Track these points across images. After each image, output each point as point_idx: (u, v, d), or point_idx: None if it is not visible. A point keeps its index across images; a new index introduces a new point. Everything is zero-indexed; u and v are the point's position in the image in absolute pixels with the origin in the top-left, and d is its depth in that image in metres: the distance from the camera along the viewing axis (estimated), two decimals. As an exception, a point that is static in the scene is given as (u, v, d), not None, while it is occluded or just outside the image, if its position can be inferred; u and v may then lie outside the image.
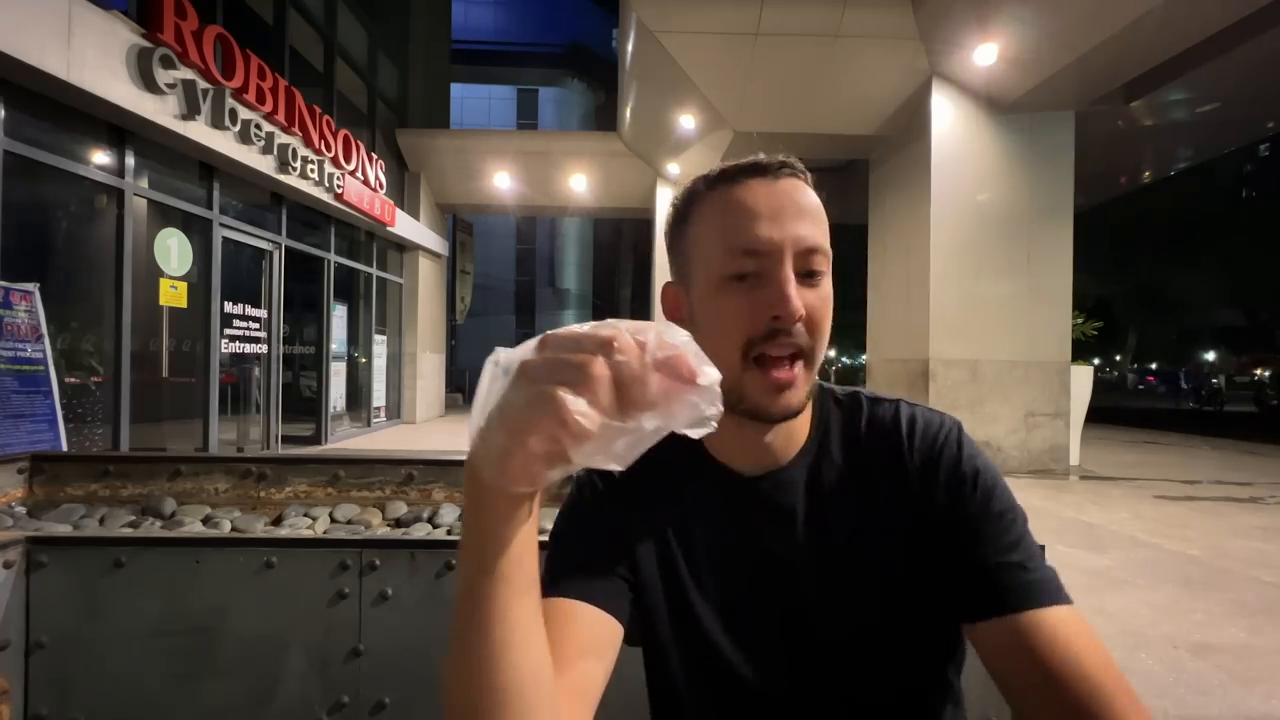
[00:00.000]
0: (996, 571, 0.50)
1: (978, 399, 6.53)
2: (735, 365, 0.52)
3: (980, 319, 6.78)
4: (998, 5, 5.94)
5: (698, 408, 0.32)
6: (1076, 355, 7.16)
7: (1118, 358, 33.01)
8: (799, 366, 0.52)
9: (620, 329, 0.32)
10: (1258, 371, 29.51)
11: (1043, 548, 0.54)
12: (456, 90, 15.74)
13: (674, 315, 0.59)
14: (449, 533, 1.38)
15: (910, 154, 7.36)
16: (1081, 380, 7.05)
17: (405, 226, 9.93)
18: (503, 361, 0.34)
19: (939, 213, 6.88)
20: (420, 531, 1.39)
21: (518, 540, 0.38)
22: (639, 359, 0.31)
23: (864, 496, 0.57)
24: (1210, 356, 34.57)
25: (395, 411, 10.67)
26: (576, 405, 0.30)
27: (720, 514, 0.59)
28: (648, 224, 12.62)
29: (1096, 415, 8.49)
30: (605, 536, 0.57)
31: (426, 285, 11.37)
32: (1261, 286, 24.17)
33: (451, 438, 9.21)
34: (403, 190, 10.67)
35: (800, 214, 0.52)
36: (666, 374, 0.32)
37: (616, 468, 0.32)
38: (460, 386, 16.06)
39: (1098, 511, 4.75)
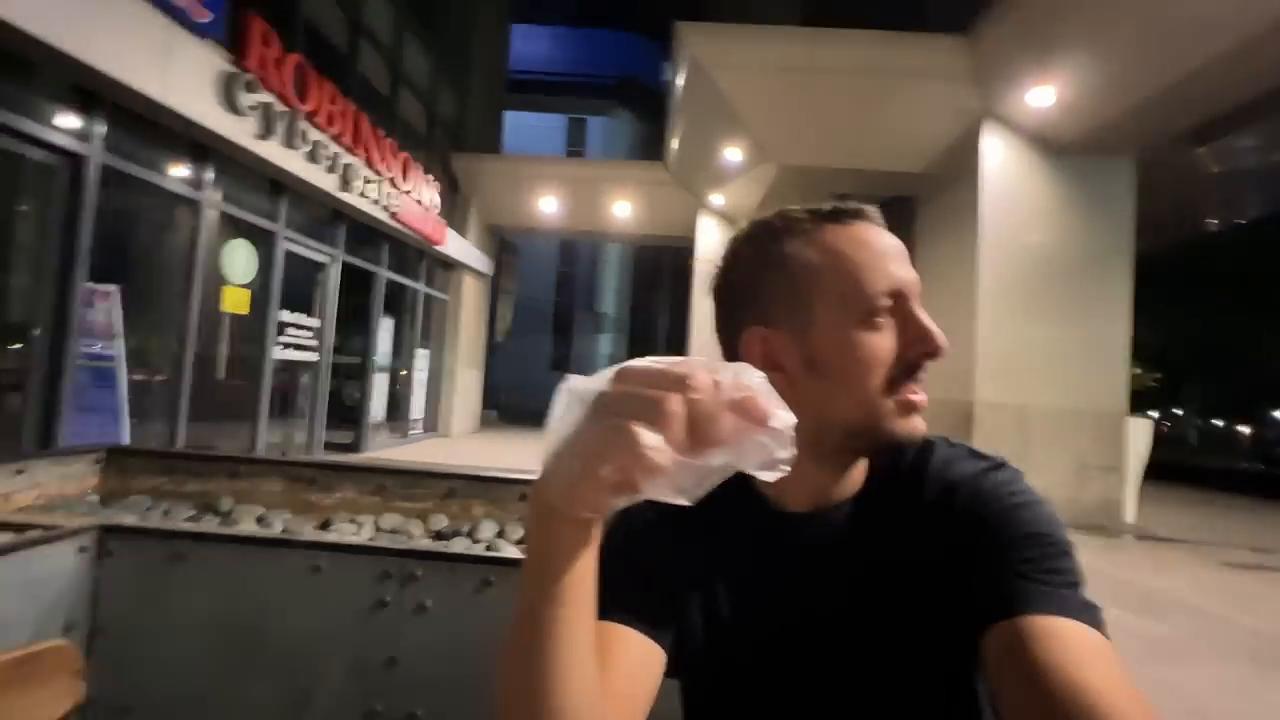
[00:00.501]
0: (1013, 579, 0.46)
1: (1024, 446, 6.28)
2: (875, 400, 0.53)
3: (1029, 363, 6.56)
4: (1056, 48, 5.87)
5: (768, 449, 0.33)
6: (1136, 407, 6.83)
7: (1180, 411, 31.27)
8: (923, 394, 0.55)
9: (696, 367, 0.33)
10: (1336, 434, 27.34)
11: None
12: (511, 118, 16.33)
13: (768, 362, 0.54)
14: (487, 548, 1.40)
15: (959, 193, 7.26)
16: (1140, 433, 6.70)
17: (454, 245, 10.27)
18: (578, 389, 0.35)
19: (987, 254, 6.74)
20: (459, 545, 1.42)
21: (580, 564, 0.39)
22: (714, 397, 0.32)
23: (905, 540, 0.55)
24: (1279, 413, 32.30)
25: (432, 424, 10.89)
26: (651, 440, 0.30)
27: (761, 550, 0.59)
28: (688, 251, 12.73)
29: (1155, 471, 8.04)
30: (652, 563, 0.57)
31: (470, 303, 11.68)
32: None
33: (486, 453, 9.33)
34: (453, 210, 11.07)
35: (905, 254, 0.56)
36: (739, 414, 0.32)
37: (684, 502, 0.32)
38: (496, 403, 16.31)
39: (1155, 575, 4.46)
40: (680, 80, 8.38)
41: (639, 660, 0.52)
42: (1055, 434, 6.45)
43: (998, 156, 6.85)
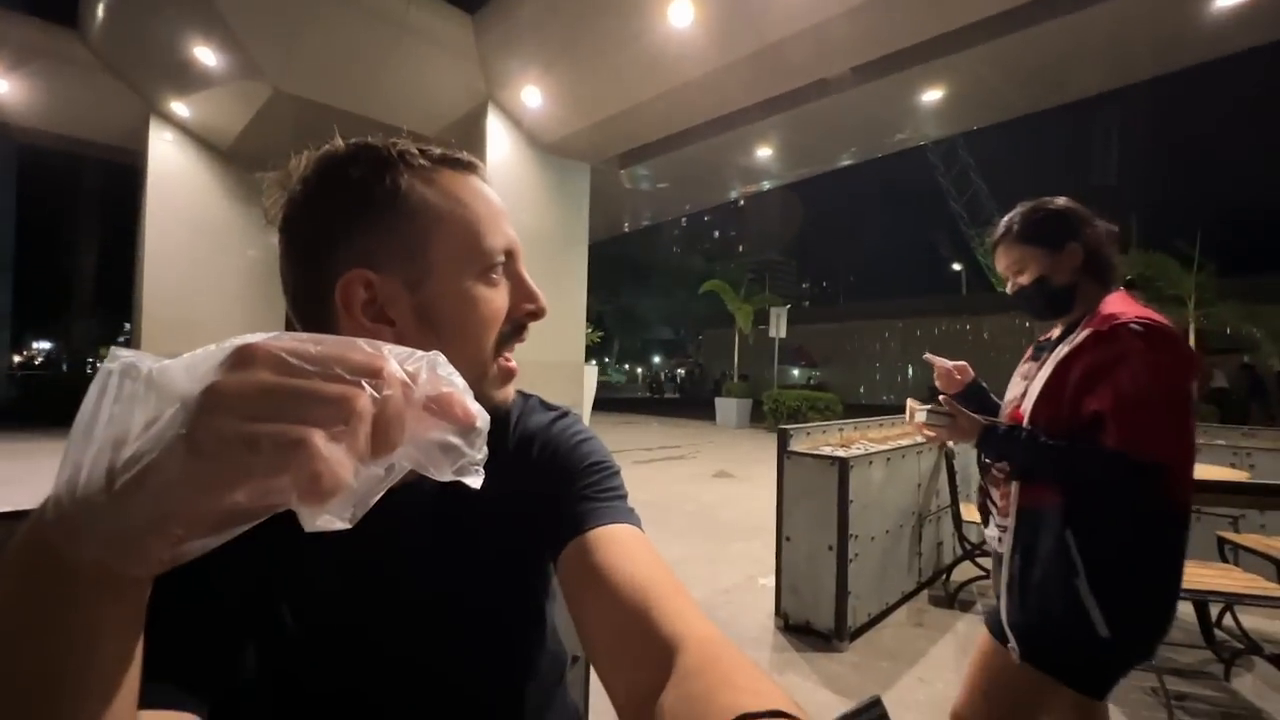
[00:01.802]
0: (580, 502, 0.54)
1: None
2: (485, 363, 0.51)
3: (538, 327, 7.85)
4: (540, 58, 6.99)
5: (463, 453, 0.28)
6: (587, 357, 9.10)
7: (607, 359, 43.15)
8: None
9: (385, 353, 0.26)
10: (680, 370, 43.48)
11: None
12: None
13: (373, 312, 0.47)
14: None
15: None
16: (590, 377, 8.98)
17: None
18: (154, 376, 0.24)
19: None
20: None
21: (126, 649, 0.27)
22: (406, 394, 0.26)
23: (492, 484, 0.56)
24: (657, 359, 49.10)
25: None
26: (333, 452, 0.23)
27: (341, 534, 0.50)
28: (133, 170, 9.42)
29: (597, 404, 10.93)
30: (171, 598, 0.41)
31: None
32: (681, 312, 35.99)
33: None
34: None
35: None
36: (434, 413, 0.27)
37: (346, 526, 0.25)
38: None
39: (601, 479, 6.20)
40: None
41: None
42: (539, 382, 7.97)
43: (503, 141, 7.72)
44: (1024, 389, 1.16)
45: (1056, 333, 1.21)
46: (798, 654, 2.37)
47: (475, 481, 0.29)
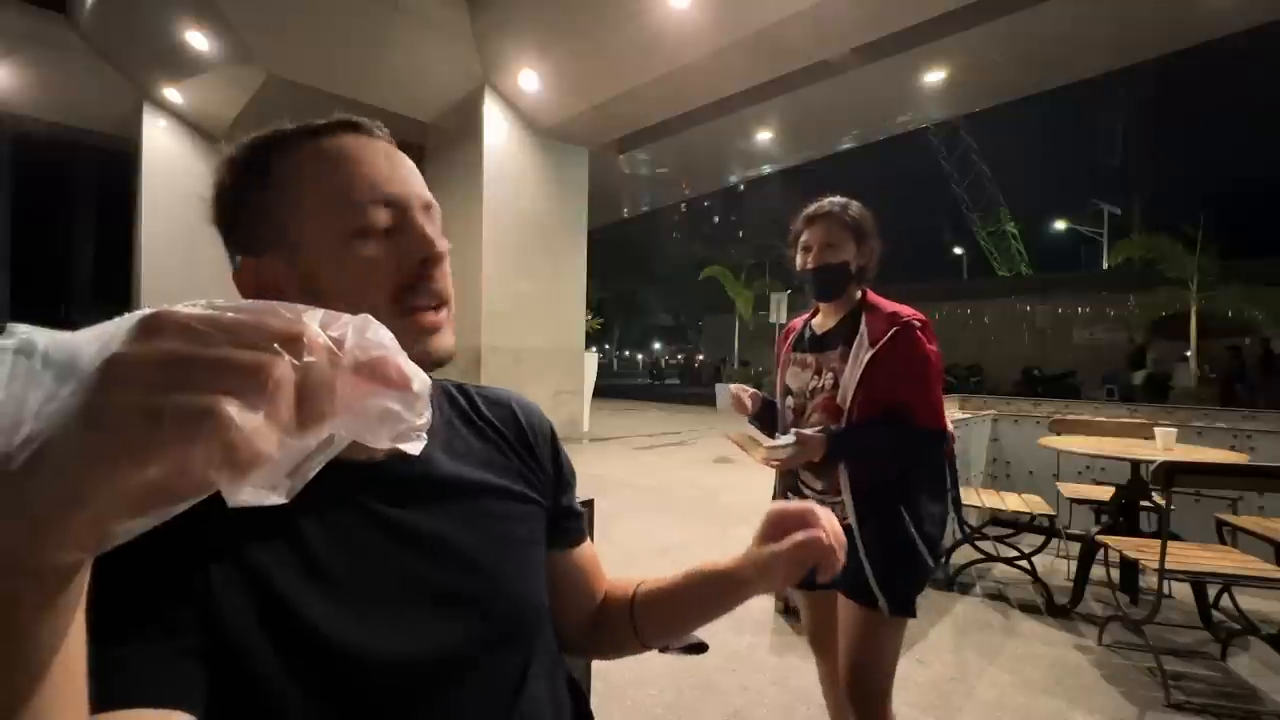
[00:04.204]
0: (568, 516, 0.67)
1: (520, 381, 7.52)
2: (389, 322, 0.47)
3: (522, 313, 7.82)
4: (538, 41, 6.90)
5: (402, 419, 0.26)
6: (587, 344, 9.07)
7: (607, 346, 43.18)
8: (445, 312, 0.52)
9: (302, 316, 0.24)
10: (681, 356, 43.55)
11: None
12: None
13: (271, 294, 0.47)
14: None
15: (467, 153, 7.78)
16: (590, 364, 8.96)
17: None
18: (50, 351, 0.22)
19: (490, 217, 7.55)
20: None
21: (67, 644, 0.25)
22: (332, 359, 0.24)
23: (491, 462, 0.60)
24: (658, 346, 49.11)
25: None
26: (249, 422, 0.21)
27: (341, 507, 0.49)
28: (125, 158, 9.36)
29: (596, 390, 10.93)
30: (152, 594, 0.40)
31: None
32: (684, 300, 35.86)
33: None
34: None
35: (414, 172, 0.52)
36: (367, 378, 0.25)
37: (279, 500, 0.24)
38: None
39: (601, 465, 6.20)
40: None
41: None
42: (540, 369, 7.96)
43: (500, 126, 7.64)
44: (832, 380, 1.34)
45: (821, 321, 1.42)
46: (797, 636, 2.39)
47: (415, 448, 0.28)
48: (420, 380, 0.27)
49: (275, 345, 0.23)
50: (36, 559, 0.22)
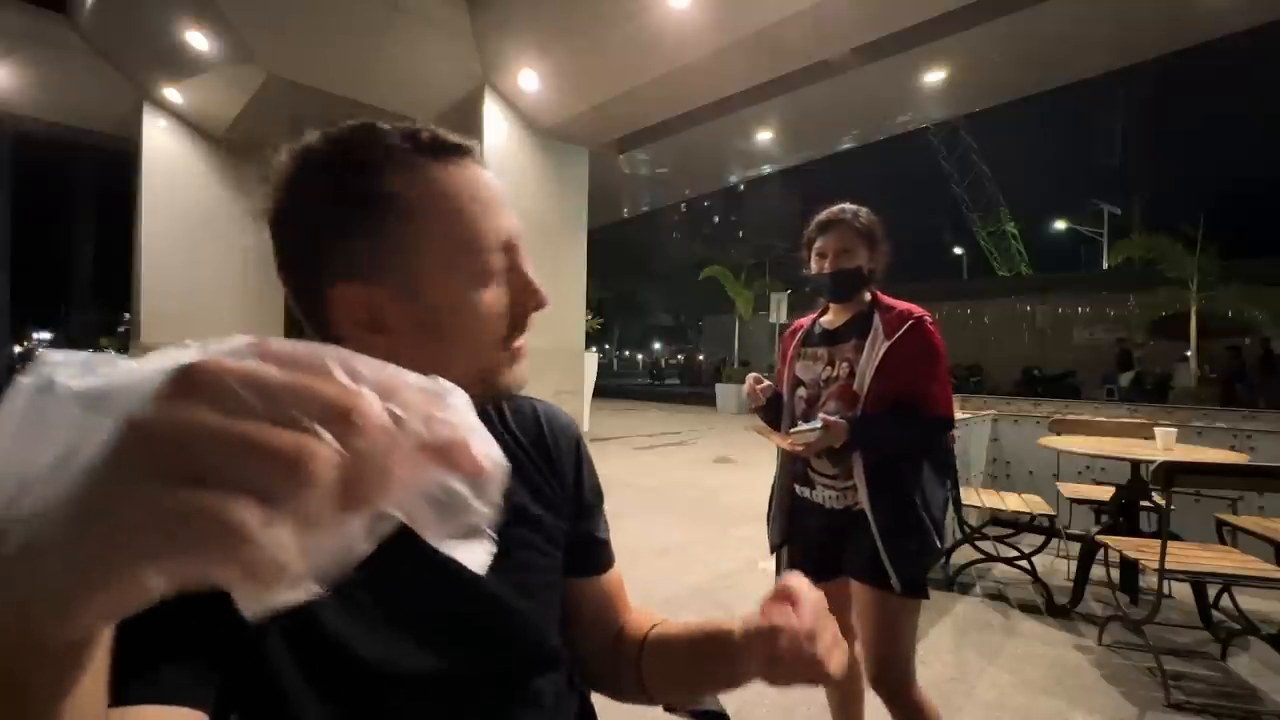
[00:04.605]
0: (589, 544, 0.65)
1: (520, 381, 7.52)
2: (493, 355, 0.51)
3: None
4: (538, 40, 6.89)
5: (467, 506, 0.22)
6: (587, 344, 9.07)
7: (607, 346, 43.18)
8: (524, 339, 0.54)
9: (356, 380, 0.20)
10: (681, 356, 43.54)
11: None
12: None
13: (370, 324, 0.46)
14: None
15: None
16: (590, 364, 8.96)
17: None
18: (83, 389, 0.19)
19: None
20: None
21: (84, 708, 0.22)
22: (391, 440, 0.20)
23: (524, 479, 0.60)
24: (658, 345, 49.11)
25: None
26: (273, 536, 0.18)
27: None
28: (124, 157, 9.35)
29: (597, 390, 10.93)
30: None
31: None
32: (685, 297, 35.89)
33: None
34: None
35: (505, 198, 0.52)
36: (432, 460, 0.22)
37: (304, 598, 0.19)
38: None
39: (602, 465, 6.19)
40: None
41: None
42: (540, 369, 7.95)
43: (500, 126, 7.63)
44: (848, 369, 1.40)
45: (830, 319, 1.49)
46: (798, 637, 2.38)
47: (477, 560, 0.24)
48: (496, 464, 0.23)
49: (319, 425, 0.19)
50: (36, 638, 0.19)
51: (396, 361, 0.22)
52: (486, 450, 0.23)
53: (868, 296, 1.45)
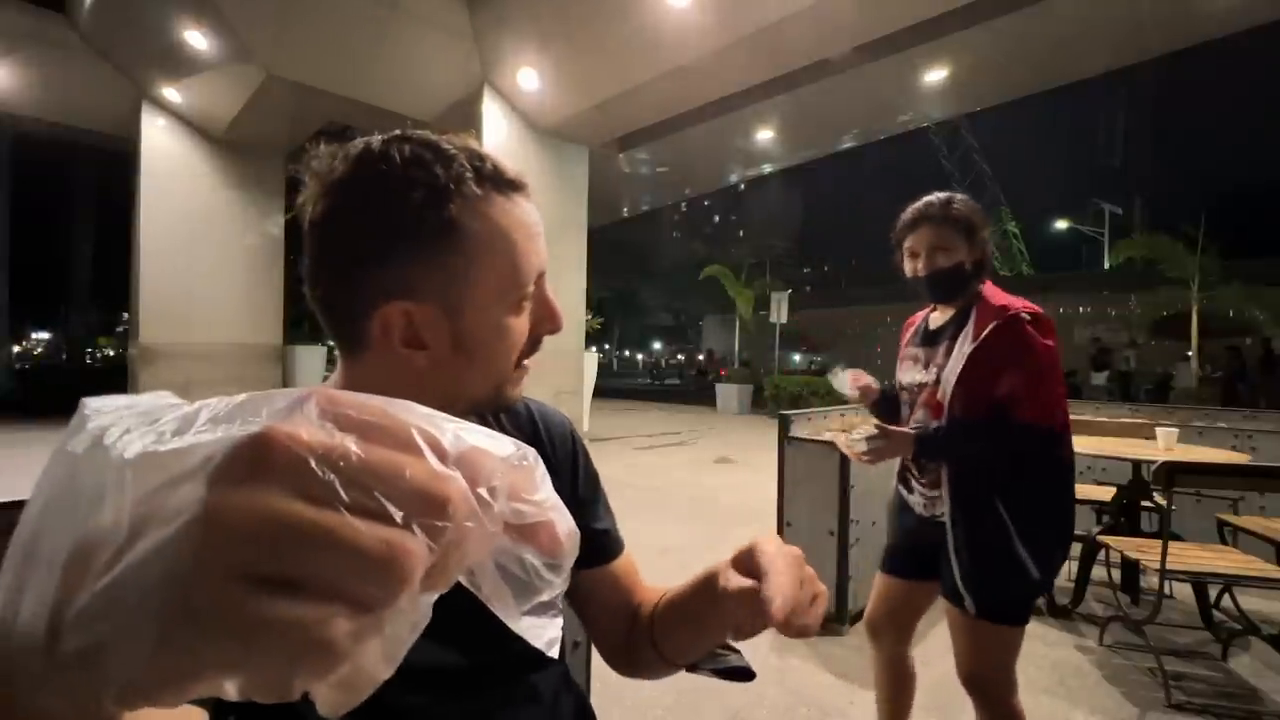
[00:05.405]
0: (602, 534, 0.67)
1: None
2: (508, 372, 0.54)
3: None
4: (538, 38, 6.88)
5: (543, 583, 0.22)
6: (587, 344, 9.06)
7: (607, 346, 43.17)
8: None
9: (449, 466, 0.18)
10: (681, 356, 43.50)
11: None
12: None
13: (410, 339, 0.48)
14: None
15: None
16: (590, 364, 8.95)
17: None
18: (119, 462, 0.17)
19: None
20: None
21: None
22: (479, 528, 0.19)
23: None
24: (658, 345, 49.08)
25: None
26: (362, 655, 0.17)
27: None
28: (123, 157, 9.35)
29: (597, 390, 10.93)
30: None
31: None
32: (685, 297, 35.89)
33: None
34: None
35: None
36: (515, 538, 0.21)
37: (374, 689, 0.18)
38: None
39: (602, 465, 6.18)
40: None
41: None
42: (540, 368, 7.90)
43: (500, 125, 7.62)
44: (935, 375, 1.29)
45: (938, 316, 1.36)
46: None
47: (552, 632, 0.23)
48: (572, 538, 0.23)
49: (408, 514, 0.17)
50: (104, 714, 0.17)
51: (426, 376, 0.21)
52: (567, 527, 0.23)
53: (980, 290, 1.28)
